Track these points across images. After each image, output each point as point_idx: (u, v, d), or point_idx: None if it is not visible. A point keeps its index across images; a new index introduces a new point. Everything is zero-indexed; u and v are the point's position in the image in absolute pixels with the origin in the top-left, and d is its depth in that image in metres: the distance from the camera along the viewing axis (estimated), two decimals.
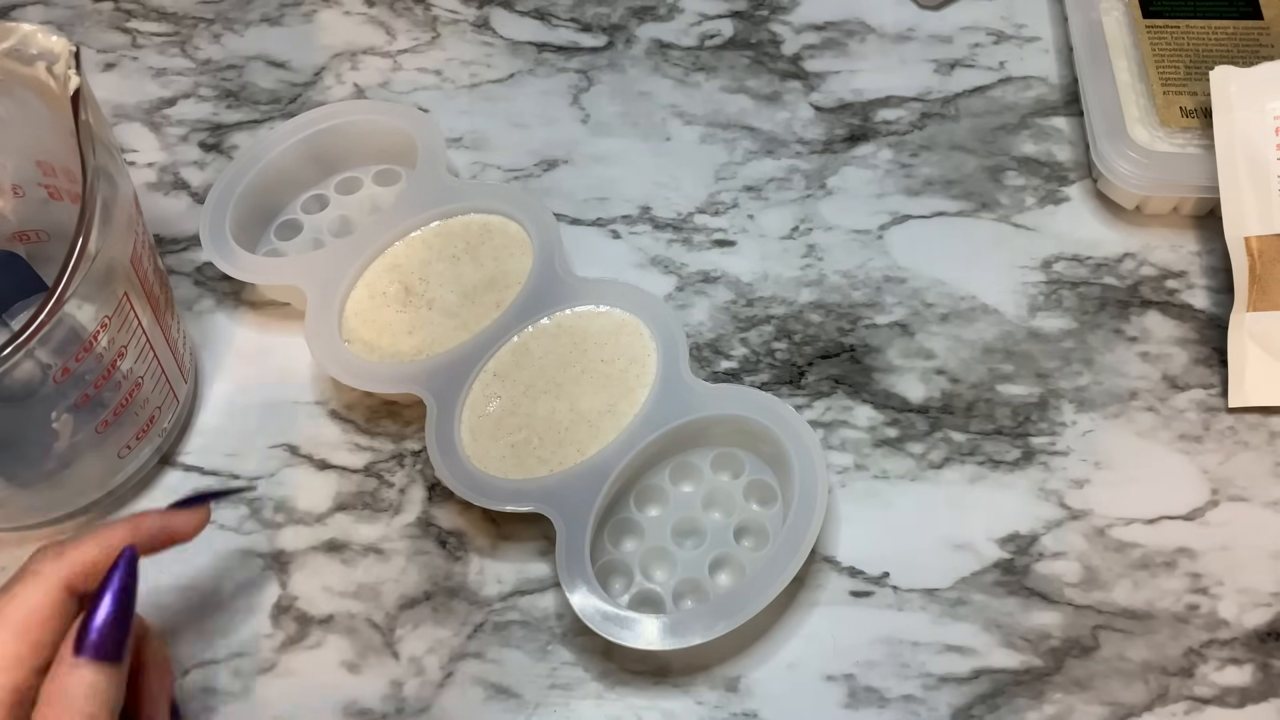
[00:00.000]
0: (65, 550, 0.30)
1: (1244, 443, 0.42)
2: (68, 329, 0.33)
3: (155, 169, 0.50)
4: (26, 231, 0.42)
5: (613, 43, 0.54)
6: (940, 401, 0.43)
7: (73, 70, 0.34)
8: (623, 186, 0.49)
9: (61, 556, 0.30)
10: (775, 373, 0.44)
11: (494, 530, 0.41)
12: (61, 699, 0.28)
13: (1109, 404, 0.43)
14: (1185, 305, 0.45)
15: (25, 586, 0.29)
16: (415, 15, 0.55)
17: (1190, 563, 0.40)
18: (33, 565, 0.30)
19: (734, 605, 0.35)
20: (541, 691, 0.38)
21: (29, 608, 0.29)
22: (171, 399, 0.41)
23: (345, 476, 0.42)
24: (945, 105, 0.51)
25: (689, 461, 0.40)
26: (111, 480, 0.40)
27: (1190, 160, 0.45)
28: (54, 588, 0.29)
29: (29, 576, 0.29)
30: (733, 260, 0.47)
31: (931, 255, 0.47)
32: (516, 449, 0.39)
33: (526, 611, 0.39)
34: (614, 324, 0.41)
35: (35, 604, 0.29)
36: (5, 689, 0.28)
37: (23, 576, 0.29)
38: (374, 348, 0.42)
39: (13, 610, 0.29)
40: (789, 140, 0.50)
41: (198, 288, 0.47)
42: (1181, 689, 0.37)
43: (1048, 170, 0.49)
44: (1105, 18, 0.50)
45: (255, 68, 0.53)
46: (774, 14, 0.54)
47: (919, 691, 0.38)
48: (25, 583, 0.29)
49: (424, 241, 0.44)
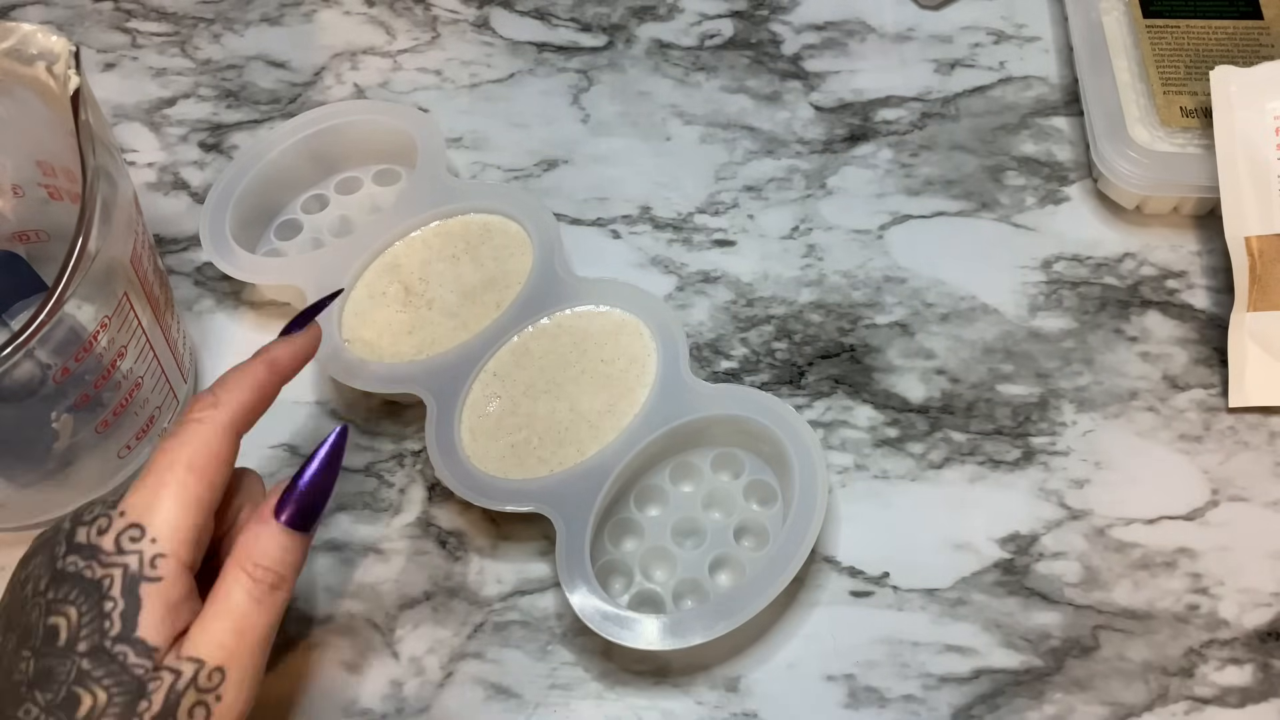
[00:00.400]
0: (219, 396, 0.31)
1: (1244, 443, 0.42)
2: (68, 329, 0.33)
3: (155, 169, 0.50)
4: (26, 231, 0.42)
5: (613, 43, 0.54)
6: (940, 401, 0.43)
7: (73, 70, 0.34)
8: (623, 186, 0.49)
9: (218, 403, 0.31)
10: (775, 373, 0.44)
11: (494, 530, 0.41)
12: (255, 553, 0.29)
13: (1109, 404, 0.43)
14: (1185, 305, 0.45)
15: (193, 433, 0.30)
16: (415, 15, 0.55)
17: (1190, 563, 0.40)
18: (195, 414, 0.30)
19: (734, 605, 0.35)
20: (541, 691, 0.38)
21: (204, 452, 0.30)
22: (171, 399, 0.41)
23: (345, 476, 0.42)
24: (945, 105, 0.51)
25: (689, 461, 0.40)
26: (111, 480, 0.40)
27: (1190, 160, 0.45)
28: (220, 431, 0.30)
29: (193, 424, 0.30)
30: (733, 260, 0.47)
31: (931, 255, 0.47)
32: (516, 449, 0.39)
33: (526, 611, 0.39)
34: (614, 324, 0.41)
35: (208, 449, 0.30)
36: (191, 527, 0.29)
37: (187, 424, 0.30)
38: (374, 348, 0.42)
39: (189, 454, 0.30)
40: (789, 140, 0.50)
41: (198, 288, 0.47)
42: (1182, 689, 0.37)
43: (1048, 170, 0.49)
44: (1105, 17, 0.50)
45: (255, 68, 0.53)
46: (774, 14, 0.54)
47: (919, 691, 0.38)
48: (192, 429, 0.30)
49: (424, 241, 0.44)
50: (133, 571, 0.28)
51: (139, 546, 0.28)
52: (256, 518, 0.30)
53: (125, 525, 0.29)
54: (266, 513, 0.30)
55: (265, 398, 0.32)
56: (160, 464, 0.29)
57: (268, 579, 0.29)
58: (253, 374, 0.32)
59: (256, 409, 0.32)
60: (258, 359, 0.33)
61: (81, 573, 0.28)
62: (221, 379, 0.32)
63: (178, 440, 0.30)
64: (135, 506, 0.29)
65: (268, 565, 0.29)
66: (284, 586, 0.30)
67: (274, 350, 0.33)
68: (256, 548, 0.29)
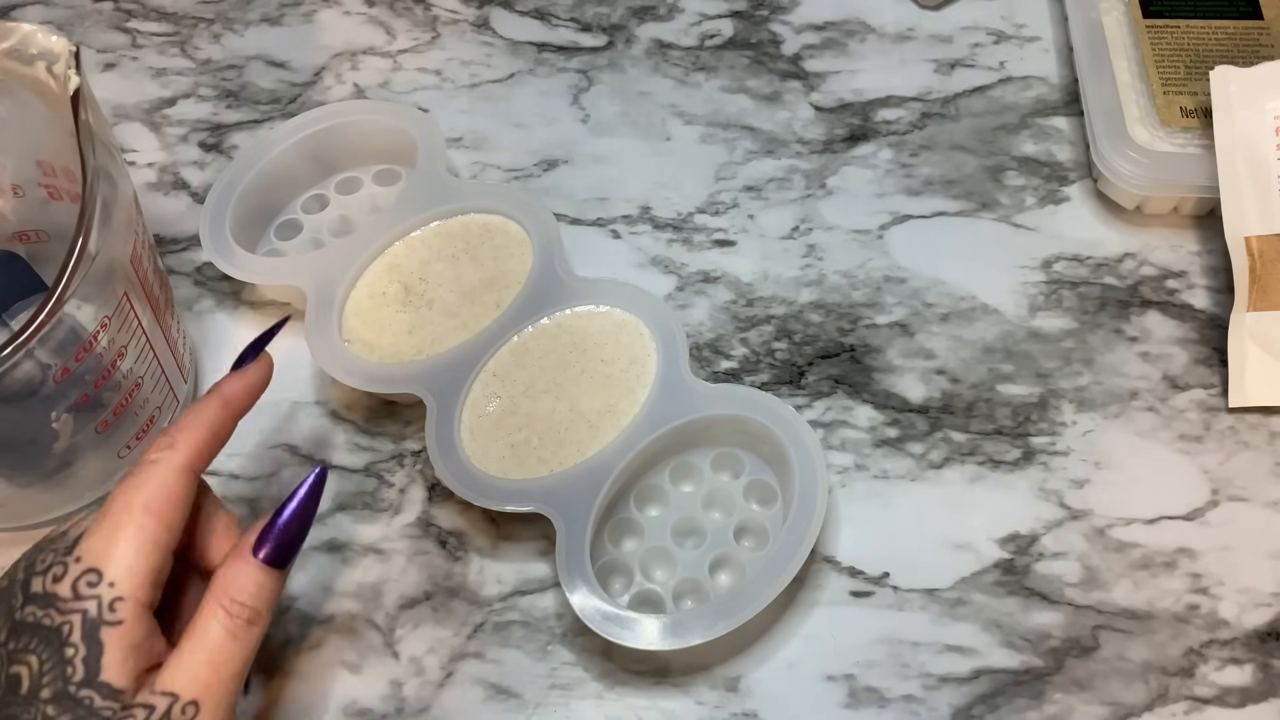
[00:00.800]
0: (175, 437, 0.31)
1: (1244, 443, 0.42)
2: (67, 329, 0.33)
3: (155, 169, 0.50)
4: (26, 231, 0.42)
5: (613, 43, 0.54)
6: (940, 401, 0.43)
7: (73, 70, 0.34)
8: (623, 186, 0.49)
9: (174, 444, 0.31)
10: (775, 373, 0.44)
11: (494, 530, 0.41)
12: (233, 590, 0.30)
13: (1109, 404, 0.43)
14: (1185, 305, 0.45)
15: (149, 474, 0.30)
16: (415, 15, 0.55)
17: (1190, 563, 0.40)
18: (150, 455, 0.31)
19: (734, 605, 0.35)
20: (541, 691, 0.38)
21: (161, 494, 0.30)
22: (171, 399, 0.41)
23: (345, 476, 0.42)
24: (945, 105, 0.51)
25: (689, 461, 0.40)
26: (111, 480, 0.40)
27: (1190, 160, 0.45)
28: (176, 471, 0.30)
29: (149, 465, 0.30)
30: (733, 260, 0.47)
31: (932, 255, 0.47)
32: (516, 449, 0.39)
33: (526, 611, 0.39)
34: (614, 324, 0.41)
35: (164, 490, 0.30)
36: (149, 570, 0.29)
37: (143, 465, 0.30)
38: (374, 348, 0.42)
39: (145, 496, 0.30)
40: (789, 140, 0.50)
41: (198, 288, 0.47)
42: (1182, 689, 0.37)
43: (1048, 170, 0.49)
44: (1105, 17, 0.50)
45: (255, 68, 0.53)
46: (774, 14, 0.54)
47: (919, 691, 0.38)
48: (148, 471, 0.30)
49: (424, 241, 0.44)
50: (92, 616, 0.28)
51: (97, 591, 0.28)
52: (235, 554, 0.30)
53: (81, 571, 0.28)
54: (245, 550, 0.30)
55: (221, 434, 0.32)
56: (116, 507, 0.29)
57: (244, 614, 0.30)
58: (206, 412, 0.32)
59: (212, 446, 0.32)
60: (211, 396, 0.33)
61: (40, 621, 0.28)
62: (176, 419, 0.32)
63: (134, 482, 0.30)
64: (91, 551, 0.29)
65: (244, 601, 0.30)
66: (260, 622, 0.30)
67: (226, 386, 0.33)
68: (234, 584, 0.30)
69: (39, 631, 0.28)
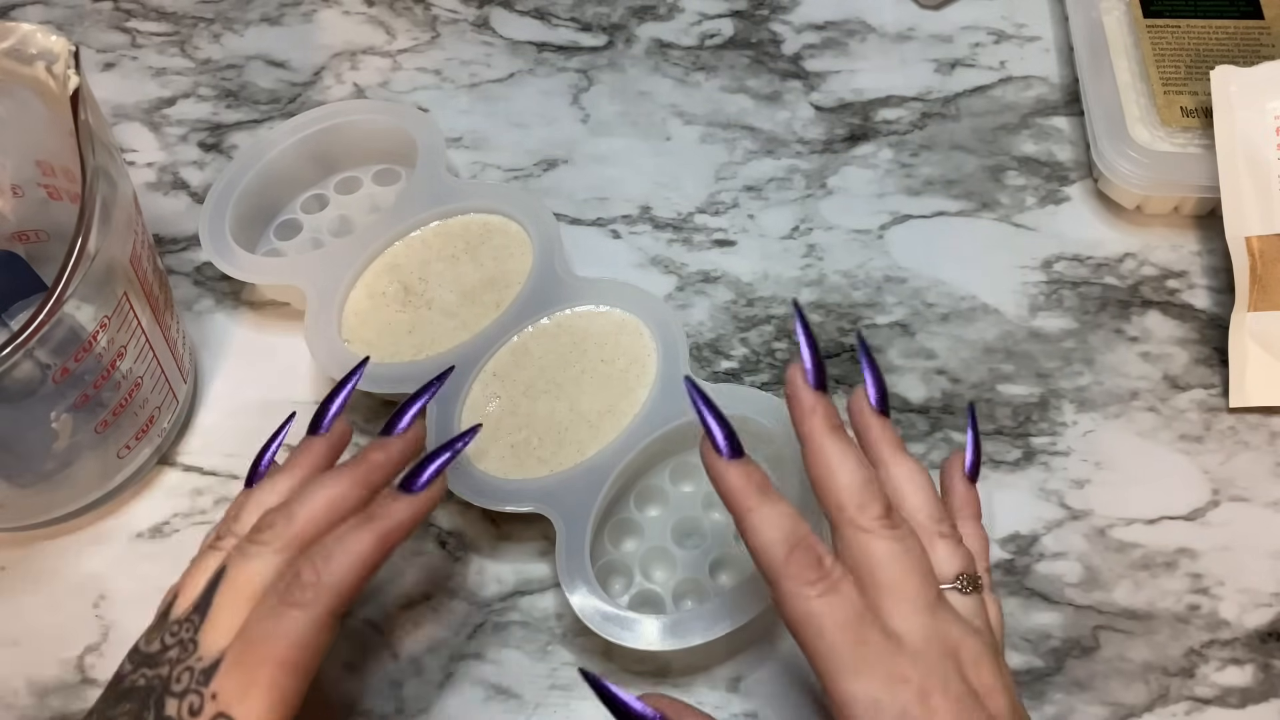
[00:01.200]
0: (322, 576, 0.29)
1: (1245, 443, 0.42)
2: (67, 329, 0.33)
3: (155, 169, 0.50)
4: (26, 231, 0.42)
5: (613, 42, 0.54)
6: (941, 401, 0.43)
7: (72, 70, 0.34)
8: (623, 186, 0.49)
9: (320, 586, 0.28)
10: (775, 373, 0.44)
11: (494, 530, 0.41)
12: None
13: (1110, 404, 0.43)
14: (1186, 305, 0.45)
15: (292, 625, 0.28)
16: (415, 15, 0.55)
17: (1191, 563, 0.40)
18: (296, 595, 0.28)
19: (734, 605, 0.35)
20: (541, 692, 0.38)
21: (300, 648, 0.28)
22: (171, 399, 0.41)
23: None
24: (946, 105, 0.51)
25: (689, 461, 0.40)
26: (111, 480, 0.40)
27: (1191, 160, 0.45)
28: (319, 623, 0.28)
29: (294, 612, 0.28)
30: (733, 260, 0.47)
31: (932, 255, 0.47)
32: (516, 449, 0.39)
33: (526, 612, 0.39)
34: (614, 324, 0.41)
35: (305, 643, 0.28)
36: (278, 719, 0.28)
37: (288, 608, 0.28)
38: (374, 348, 0.42)
39: (284, 651, 0.28)
40: (789, 140, 0.50)
41: (197, 288, 0.47)
42: (1182, 689, 0.37)
43: (1048, 170, 0.49)
44: (1106, 17, 0.50)
45: (255, 67, 0.53)
46: (774, 13, 0.54)
47: None
48: (291, 620, 0.28)
49: (423, 241, 0.44)
50: None
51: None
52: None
53: (215, 713, 0.27)
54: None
55: (373, 570, 0.29)
56: (258, 654, 0.28)
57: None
58: (361, 549, 0.29)
59: (363, 585, 0.29)
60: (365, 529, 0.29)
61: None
62: (332, 548, 0.29)
63: (279, 628, 0.28)
64: (227, 693, 0.28)
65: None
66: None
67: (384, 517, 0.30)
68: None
69: None
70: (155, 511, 0.41)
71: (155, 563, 0.40)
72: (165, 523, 0.41)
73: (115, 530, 0.41)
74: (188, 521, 0.41)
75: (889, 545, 0.28)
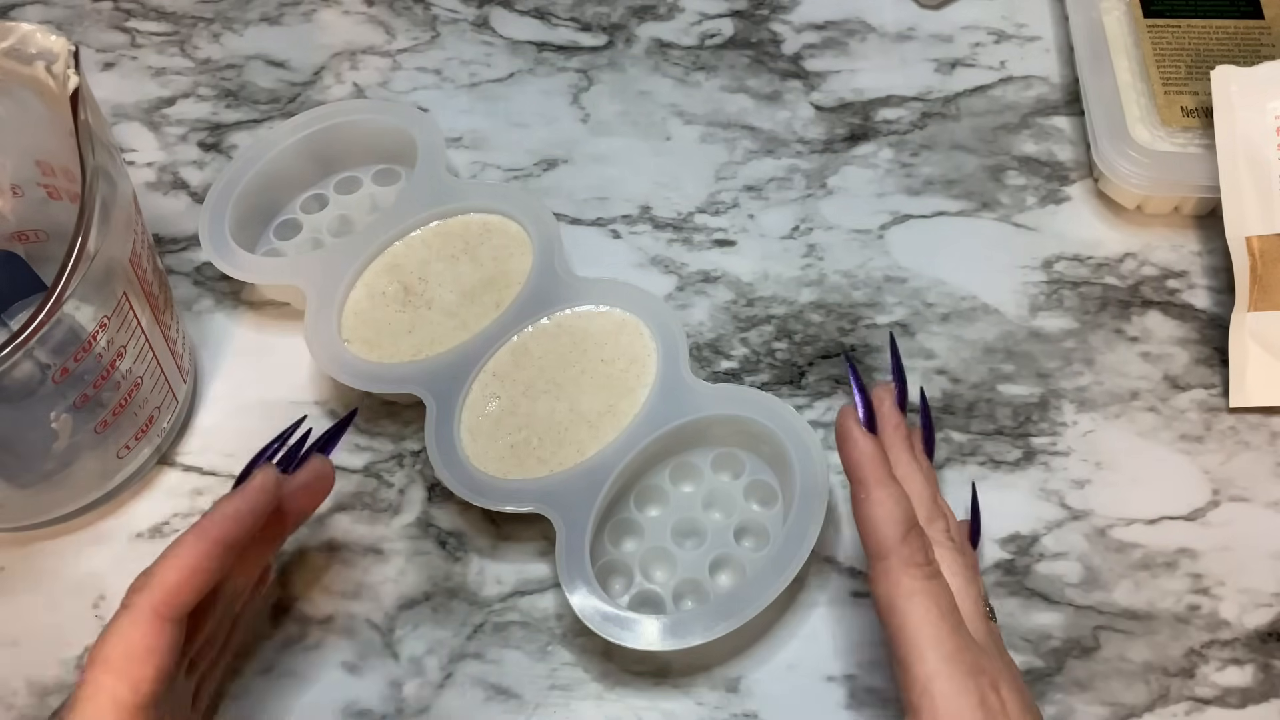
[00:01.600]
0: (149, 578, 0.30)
1: (1245, 443, 0.42)
2: (67, 329, 0.33)
3: (154, 169, 0.50)
4: (26, 231, 0.42)
5: (613, 42, 0.54)
6: (941, 401, 0.43)
7: (72, 70, 0.34)
8: (623, 186, 0.49)
9: (146, 587, 0.29)
10: (775, 373, 0.44)
11: (494, 530, 0.41)
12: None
13: (1110, 404, 0.43)
14: (1186, 305, 0.45)
15: (114, 625, 0.29)
16: (415, 15, 0.55)
17: (1191, 563, 0.40)
18: (125, 598, 0.29)
19: (734, 605, 0.35)
20: (541, 692, 0.38)
21: (121, 648, 0.29)
22: (170, 399, 0.41)
23: (345, 476, 0.42)
24: (946, 105, 0.51)
25: (689, 461, 0.40)
26: (110, 480, 0.40)
27: (1191, 160, 0.45)
28: (143, 622, 0.29)
29: (121, 612, 0.29)
30: (733, 260, 0.47)
31: (932, 255, 0.47)
32: (516, 449, 0.39)
33: (526, 612, 0.39)
34: (614, 324, 0.41)
35: (125, 643, 0.29)
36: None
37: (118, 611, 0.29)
38: (374, 348, 0.42)
39: (106, 651, 0.29)
40: (789, 140, 0.50)
41: (197, 288, 0.47)
42: (1182, 689, 0.37)
43: (1048, 170, 0.49)
44: (1106, 17, 0.50)
45: (255, 67, 0.53)
46: (774, 13, 0.54)
47: None
48: (117, 620, 0.29)
49: (423, 241, 0.44)
50: None
51: None
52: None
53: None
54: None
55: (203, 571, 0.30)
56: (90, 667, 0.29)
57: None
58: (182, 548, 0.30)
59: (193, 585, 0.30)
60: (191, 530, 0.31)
61: None
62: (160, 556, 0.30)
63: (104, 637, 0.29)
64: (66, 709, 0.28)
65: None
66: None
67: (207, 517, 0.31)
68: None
69: None
70: (155, 511, 0.41)
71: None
72: (165, 523, 0.41)
73: (115, 530, 0.41)
74: (187, 521, 0.41)
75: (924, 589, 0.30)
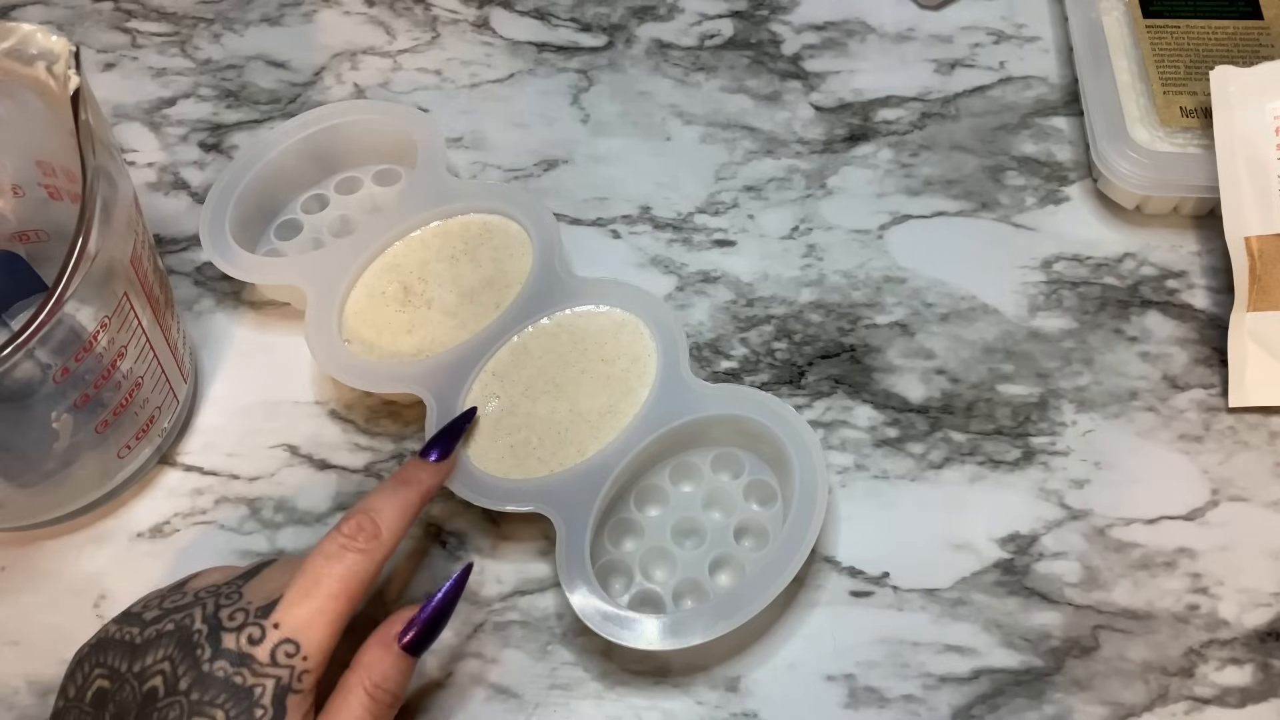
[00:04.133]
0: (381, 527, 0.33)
1: (1244, 443, 0.42)
2: (67, 329, 0.33)
3: (155, 169, 0.50)
4: (26, 231, 0.42)
5: (613, 43, 0.54)
6: (940, 401, 0.43)
7: (72, 70, 0.34)
8: (623, 186, 0.49)
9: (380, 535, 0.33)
10: (775, 373, 0.44)
11: (494, 530, 0.41)
12: (376, 675, 0.31)
13: (1109, 404, 0.43)
14: (1185, 305, 0.45)
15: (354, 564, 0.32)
16: (415, 15, 0.55)
17: (1190, 563, 0.40)
18: (360, 543, 0.32)
19: (734, 605, 0.35)
20: (541, 692, 0.38)
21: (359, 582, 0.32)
22: (171, 399, 0.41)
23: (345, 476, 0.42)
24: (945, 105, 0.51)
25: (689, 461, 0.40)
26: (111, 480, 0.40)
27: (1190, 160, 0.45)
28: (378, 563, 0.32)
29: (357, 554, 0.32)
30: (733, 260, 0.47)
31: (931, 255, 0.47)
32: (516, 449, 0.39)
33: (526, 611, 0.39)
34: (614, 324, 0.41)
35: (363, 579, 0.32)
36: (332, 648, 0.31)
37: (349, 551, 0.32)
38: (374, 348, 0.42)
39: (348, 585, 0.31)
40: (789, 140, 0.50)
41: (198, 288, 0.47)
42: (1182, 689, 0.37)
43: (1048, 170, 0.49)
44: (1105, 17, 0.50)
45: (255, 68, 0.53)
46: (774, 14, 0.54)
47: (919, 691, 0.38)
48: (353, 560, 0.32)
49: (423, 241, 0.44)
50: (284, 684, 0.30)
51: (293, 662, 0.30)
52: (379, 641, 0.32)
53: (280, 639, 0.30)
54: (388, 637, 0.32)
55: (411, 524, 0.34)
56: (322, 589, 0.31)
57: (386, 700, 0.31)
58: (411, 502, 0.34)
59: (403, 537, 0.34)
60: (414, 487, 0.35)
61: (231, 678, 0.30)
62: (380, 504, 0.33)
63: (341, 569, 0.32)
64: (291, 623, 0.31)
65: (387, 688, 0.31)
66: (396, 706, 0.32)
67: (427, 478, 0.36)
68: (378, 669, 0.31)
69: (229, 688, 0.30)
70: (155, 511, 0.41)
71: (155, 562, 0.40)
72: (165, 523, 0.41)
73: (115, 530, 0.41)
74: (188, 521, 0.41)
75: None
